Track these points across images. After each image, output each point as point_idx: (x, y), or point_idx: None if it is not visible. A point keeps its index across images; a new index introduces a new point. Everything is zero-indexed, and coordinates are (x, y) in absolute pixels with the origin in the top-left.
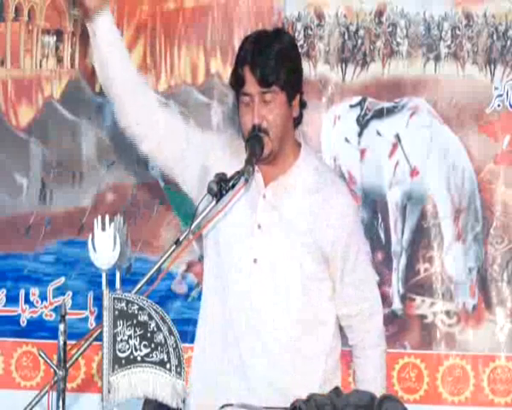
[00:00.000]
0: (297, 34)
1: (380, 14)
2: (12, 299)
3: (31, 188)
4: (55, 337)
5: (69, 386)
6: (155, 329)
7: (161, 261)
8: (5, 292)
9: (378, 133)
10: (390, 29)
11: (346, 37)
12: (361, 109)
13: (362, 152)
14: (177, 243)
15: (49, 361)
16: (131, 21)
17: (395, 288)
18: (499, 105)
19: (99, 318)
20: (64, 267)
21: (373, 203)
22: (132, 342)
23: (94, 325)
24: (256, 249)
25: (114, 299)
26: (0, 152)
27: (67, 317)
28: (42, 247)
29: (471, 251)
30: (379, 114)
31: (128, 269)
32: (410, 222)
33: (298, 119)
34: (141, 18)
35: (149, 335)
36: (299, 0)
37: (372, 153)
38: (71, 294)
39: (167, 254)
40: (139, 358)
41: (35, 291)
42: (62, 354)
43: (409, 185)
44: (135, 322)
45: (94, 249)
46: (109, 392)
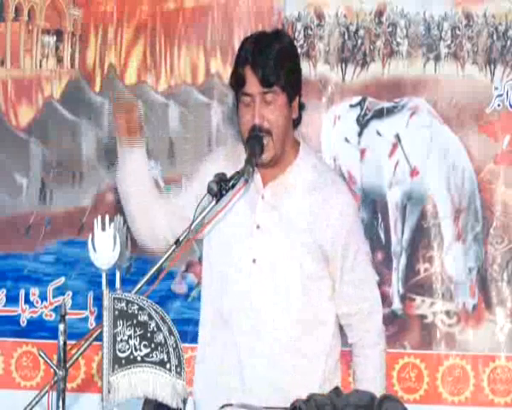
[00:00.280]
0: (297, 34)
1: (380, 14)
2: (12, 299)
3: (31, 188)
4: (55, 337)
5: (69, 386)
6: (155, 329)
7: (161, 261)
8: (5, 292)
9: (378, 133)
10: (390, 29)
11: (346, 37)
12: (361, 109)
13: (362, 152)
14: (177, 243)
15: (49, 361)
16: (131, 21)
17: (395, 288)
18: (499, 105)
19: (99, 318)
20: (64, 267)
21: (373, 203)
22: (132, 342)
23: (94, 325)
24: (255, 250)
25: (114, 299)
26: (0, 152)
27: (67, 317)
28: (42, 247)
29: (471, 251)
30: (379, 114)
31: (128, 269)
32: (410, 222)
33: (297, 120)
34: (141, 18)
35: (149, 335)
36: (299, 0)
37: (372, 153)
38: (71, 294)
39: (167, 254)
40: (139, 358)
41: (35, 291)
42: (62, 354)
43: (409, 185)
44: (135, 322)
45: (94, 249)
46: (109, 392)
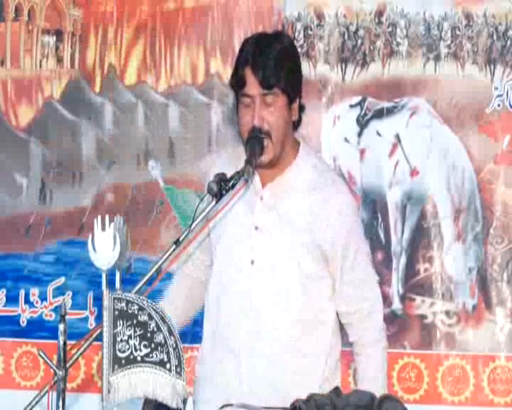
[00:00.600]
0: (297, 34)
1: (380, 14)
2: (12, 299)
3: (31, 188)
4: (55, 337)
5: (69, 386)
6: (155, 329)
7: (161, 261)
8: (5, 292)
9: (378, 133)
10: (390, 29)
11: (346, 37)
12: (361, 109)
13: (362, 152)
14: (177, 243)
15: (49, 361)
16: (131, 21)
17: (395, 288)
18: (499, 105)
19: (99, 318)
20: (64, 267)
21: (373, 203)
22: (132, 342)
23: (94, 325)
24: (254, 251)
25: (114, 299)
26: (0, 152)
27: (67, 317)
28: (42, 247)
29: (471, 251)
30: (379, 114)
31: (128, 269)
32: (410, 222)
33: (297, 122)
34: (141, 18)
35: (149, 335)
36: (299, 0)
37: (372, 153)
38: (71, 294)
39: (167, 254)
40: (139, 358)
41: (35, 291)
42: (62, 354)
43: (409, 185)
44: (135, 322)
45: (94, 249)
46: (109, 392)
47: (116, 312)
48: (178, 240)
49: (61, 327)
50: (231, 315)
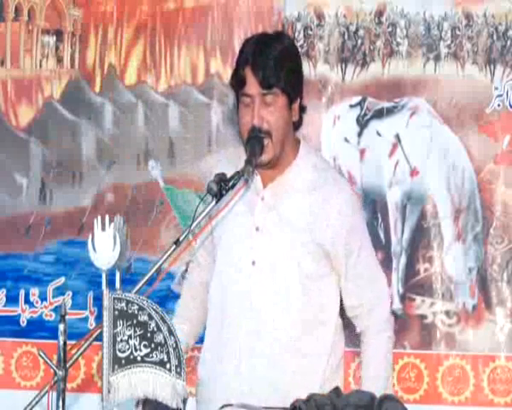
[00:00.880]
0: (297, 34)
1: (380, 14)
2: (12, 299)
3: (31, 188)
4: (55, 337)
5: (69, 386)
6: (155, 329)
7: (161, 261)
8: (5, 292)
9: (378, 133)
10: (390, 29)
11: (346, 37)
12: (361, 109)
13: (362, 152)
14: (177, 243)
15: (49, 361)
16: (131, 21)
17: (395, 288)
18: (499, 105)
19: (99, 318)
20: (64, 267)
21: (373, 203)
22: (132, 342)
23: (94, 325)
24: (254, 252)
25: (114, 299)
26: (0, 152)
27: (67, 317)
28: (42, 247)
29: (471, 251)
30: (379, 114)
31: (128, 269)
32: (410, 222)
33: (298, 123)
34: (141, 18)
35: (149, 335)
36: (299, 0)
37: (372, 153)
38: (71, 294)
39: (167, 254)
40: (139, 358)
41: (35, 291)
42: (62, 354)
43: (409, 185)
44: (135, 322)
45: (94, 249)
46: (109, 392)
47: (116, 312)
48: (178, 240)
49: (61, 327)
50: (232, 315)
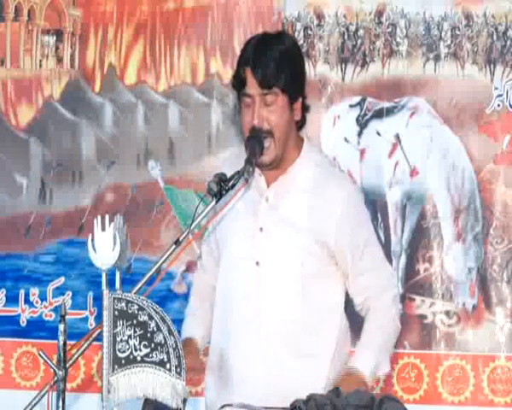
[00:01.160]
0: (297, 34)
1: (380, 14)
2: (12, 299)
3: (31, 188)
4: (55, 337)
5: (69, 386)
6: (155, 329)
7: (161, 261)
8: (5, 292)
9: (378, 133)
10: (390, 29)
11: (346, 37)
12: (361, 109)
13: (361, 152)
14: (177, 243)
15: (49, 361)
16: (131, 21)
17: None
18: (499, 105)
19: (99, 318)
20: (64, 267)
21: (373, 203)
22: (132, 342)
23: (94, 325)
24: (258, 252)
25: (114, 299)
26: (0, 152)
27: (67, 317)
28: (42, 247)
29: (471, 251)
30: (379, 114)
31: (128, 269)
32: (410, 222)
33: (301, 122)
34: (141, 18)
35: (149, 335)
36: (299, 0)
37: (372, 153)
38: (71, 294)
39: (167, 254)
40: (139, 358)
41: (35, 291)
42: (62, 354)
43: (409, 185)
44: (135, 322)
45: (94, 249)
46: (109, 392)
47: (116, 312)
48: (178, 240)
49: (61, 327)
50: (236, 317)
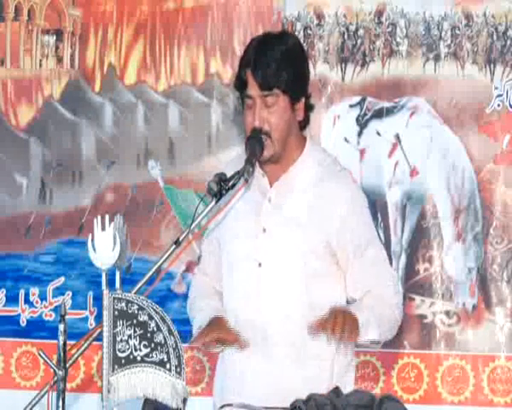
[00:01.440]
0: (297, 34)
1: (379, 14)
2: (12, 299)
3: (31, 188)
4: (55, 337)
5: (69, 386)
6: (155, 329)
7: (161, 261)
8: (5, 292)
9: (378, 133)
10: (390, 29)
11: (346, 37)
12: (361, 109)
13: (361, 152)
14: (177, 243)
15: (49, 361)
16: (131, 21)
17: None
18: (499, 105)
19: (99, 318)
20: (64, 267)
21: (373, 203)
22: (132, 342)
23: (94, 325)
24: (261, 254)
25: (114, 299)
26: (0, 152)
27: (67, 317)
28: (42, 247)
29: (471, 251)
30: (379, 114)
31: (128, 269)
32: (410, 222)
33: (304, 121)
34: (141, 18)
35: (149, 335)
36: (299, 0)
37: (372, 153)
38: (71, 294)
39: (167, 254)
40: (139, 358)
41: (35, 291)
42: (62, 354)
43: (409, 185)
44: (135, 322)
45: (94, 249)
46: (109, 392)
47: (116, 312)
48: (178, 240)
49: (61, 327)
50: (235, 316)
